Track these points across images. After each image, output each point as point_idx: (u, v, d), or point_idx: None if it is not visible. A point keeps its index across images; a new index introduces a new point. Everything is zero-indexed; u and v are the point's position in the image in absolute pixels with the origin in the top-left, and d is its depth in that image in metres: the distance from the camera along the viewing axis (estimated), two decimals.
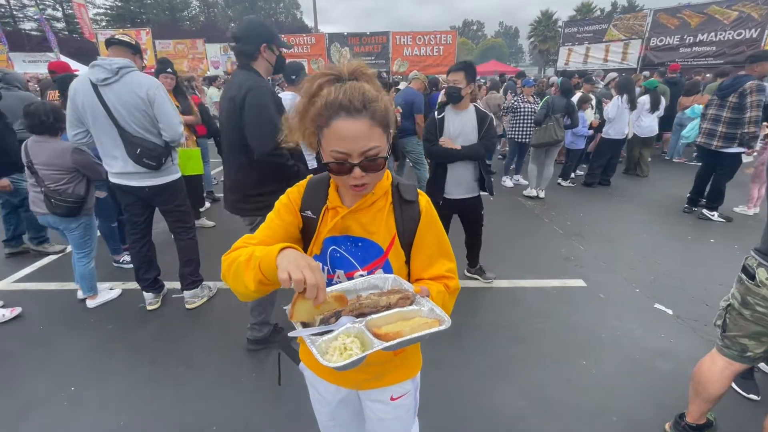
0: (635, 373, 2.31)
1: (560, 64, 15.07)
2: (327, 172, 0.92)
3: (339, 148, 0.81)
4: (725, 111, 4.25)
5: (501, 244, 4.02)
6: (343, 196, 0.98)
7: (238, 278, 0.83)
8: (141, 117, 2.47)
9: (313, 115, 0.83)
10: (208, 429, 1.96)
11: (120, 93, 2.41)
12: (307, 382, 1.20)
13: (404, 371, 1.11)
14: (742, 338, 1.63)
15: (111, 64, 2.38)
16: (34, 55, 15.78)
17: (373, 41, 14.56)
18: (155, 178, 2.65)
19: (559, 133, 5.15)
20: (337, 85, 0.82)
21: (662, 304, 2.97)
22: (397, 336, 0.74)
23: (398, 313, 0.82)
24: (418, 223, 0.98)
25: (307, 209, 0.99)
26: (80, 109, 2.44)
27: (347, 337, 0.77)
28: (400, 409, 1.13)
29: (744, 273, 1.59)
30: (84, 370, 2.39)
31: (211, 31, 31.03)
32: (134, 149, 2.48)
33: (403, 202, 0.98)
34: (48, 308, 3.03)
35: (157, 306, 2.98)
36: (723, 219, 4.60)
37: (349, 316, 0.82)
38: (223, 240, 4.27)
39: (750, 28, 10.13)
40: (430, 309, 0.83)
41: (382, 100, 0.83)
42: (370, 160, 0.83)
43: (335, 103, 0.80)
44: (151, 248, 2.93)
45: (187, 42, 15.93)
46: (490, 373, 2.32)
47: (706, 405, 1.77)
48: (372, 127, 0.81)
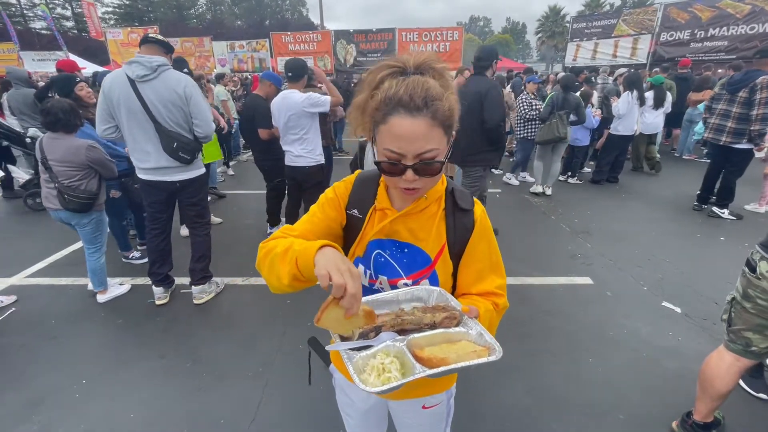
0: (643, 371, 2.30)
1: (568, 60, 14.89)
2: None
3: (393, 147, 0.75)
4: (735, 106, 4.18)
5: (508, 242, 4.00)
6: (393, 197, 0.93)
7: (273, 270, 0.80)
8: (177, 113, 2.56)
9: (371, 110, 0.78)
10: (216, 422, 1.99)
11: (158, 89, 2.48)
12: (335, 384, 1.17)
13: (440, 384, 1.05)
14: (746, 332, 1.63)
15: (150, 62, 2.45)
16: (43, 54, 15.95)
17: (380, 38, 14.50)
18: (186, 172, 2.74)
19: (561, 129, 5.12)
20: (399, 78, 0.75)
21: (670, 303, 2.94)
22: (441, 363, 0.68)
23: (443, 334, 0.76)
24: (471, 234, 0.92)
25: (354, 207, 0.93)
26: (114, 104, 2.50)
27: (386, 356, 0.71)
28: (432, 417, 1.09)
29: (747, 266, 1.61)
30: (95, 363, 2.43)
31: (217, 28, 31.14)
32: (171, 143, 2.56)
33: (457, 210, 0.92)
34: (60, 303, 3.08)
35: (165, 301, 3.02)
36: (733, 216, 4.53)
37: (389, 331, 0.77)
38: (229, 237, 4.31)
39: (763, 22, 9.92)
40: (478, 333, 0.76)
41: (448, 99, 0.75)
42: (425, 164, 0.76)
43: (394, 98, 0.73)
44: (168, 244, 2.99)
45: (194, 40, 15.98)
46: (497, 371, 2.32)
47: (714, 402, 1.75)
48: (432, 128, 0.74)
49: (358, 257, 0.94)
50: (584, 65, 12.62)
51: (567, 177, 6.32)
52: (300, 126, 3.33)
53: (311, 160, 3.47)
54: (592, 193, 5.76)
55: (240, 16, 49.46)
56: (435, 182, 0.84)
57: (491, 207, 5.22)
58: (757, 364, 2.15)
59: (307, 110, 3.25)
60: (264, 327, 2.75)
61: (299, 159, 3.45)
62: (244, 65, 15.68)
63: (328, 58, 14.62)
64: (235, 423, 1.99)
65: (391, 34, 14.33)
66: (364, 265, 0.93)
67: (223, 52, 15.75)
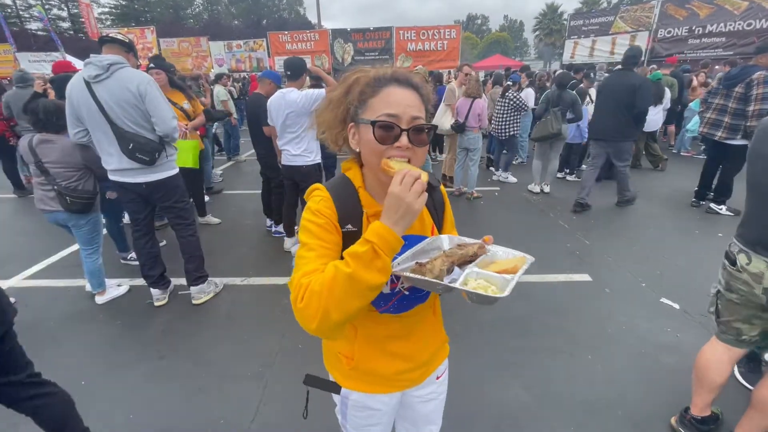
0: (641, 367, 2.30)
1: (566, 58, 14.89)
2: (342, 175, 0.94)
3: (390, 110, 0.80)
4: (731, 101, 4.18)
5: (507, 239, 3.99)
6: (374, 193, 0.91)
7: (342, 301, 0.71)
8: (133, 112, 2.49)
9: (355, 95, 0.84)
10: (217, 423, 1.99)
11: (112, 89, 2.43)
12: (350, 405, 1.07)
13: (443, 351, 1.15)
14: (734, 322, 1.66)
15: (102, 61, 2.40)
16: (39, 55, 15.88)
17: (377, 36, 14.47)
18: (151, 174, 2.66)
19: (555, 125, 5.14)
20: (385, 65, 0.87)
21: (669, 299, 2.95)
22: (515, 270, 0.82)
23: (485, 260, 0.88)
24: (444, 207, 1.05)
25: (347, 224, 0.87)
26: (76, 107, 2.48)
27: (475, 280, 0.82)
28: (442, 386, 1.18)
29: (726, 259, 1.65)
30: (94, 365, 2.43)
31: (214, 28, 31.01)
32: (127, 144, 2.51)
33: (430, 189, 0.92)
34: (58, 305, 3.08)
35: (164, 302, 3.02)
36: (731, 212, 4.54)
37: (456, 267, 0.87)
38: (227, 237, 4.31)
39: (761, 19, 9.93)
40: (504, 251, 0.92)
41: (426, 88, 0.88)
42: (417, 130, 0.81)
43: (386, 75, 0.83)
44: (154, 245, 2.95)
45: (191, 40, 15.93)
46: (496, 367, 2.33)
47: (710, 395, 1.77)
48: (420, 103, 0.84)
49: None
50: (582, 63, 12.62)
51: (565, 174, 6.33)
52: (299, 124, 3.32)
53: (308, 159, 3.46)
54: None
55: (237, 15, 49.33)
56: (421, 160, 0.86)
57: (490, 204, 5.23)
58: (755, 360, 2.16)
59: (305, 108, 3.25)
60: (264, 327, 2.75)
61: (296, 158, 3.44)
62: (241, 65, 15.64)
63: (325, 57, 14.59)
64: (236, 423, 1.99)
65: (389, 32, 14.31)
66: None
67: (220, 52, 15.71)
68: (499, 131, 5.79)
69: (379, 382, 1.03)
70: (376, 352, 1.00)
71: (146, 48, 15.06)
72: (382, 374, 1.02)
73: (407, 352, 1.03)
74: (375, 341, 0.99)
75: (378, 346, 1.00)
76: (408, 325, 1.01)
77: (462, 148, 5.33)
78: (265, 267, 3.58)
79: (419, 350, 1.04)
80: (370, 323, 0.97)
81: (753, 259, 1.52)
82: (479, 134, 5.22)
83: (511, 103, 5.58)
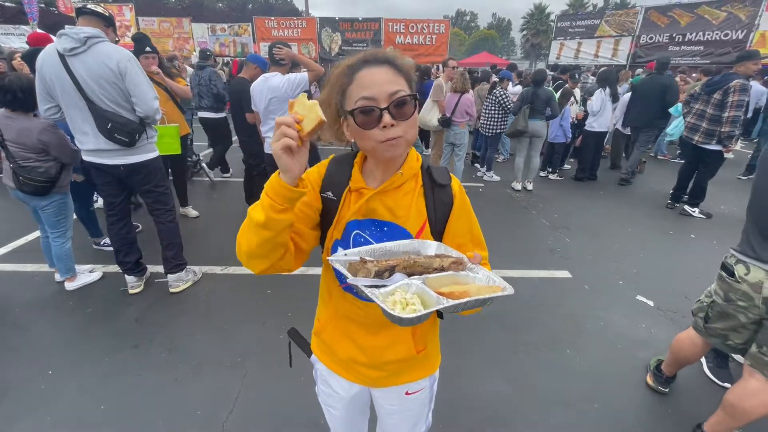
0: (617, 361, 2.37)
1: (552, 58, 15.10)
2: (357, 152, 0.91)
3: (365, 93, 0.78)
4: (709, 107, 4.32)
5: (489, 235, 4.03)
6: (367, 176, 0.92)
7: (245, 236, 0.78)
8: (112, 90, 2.35)
9: (336, 89, 0.83)
10: (193, 414, 1.93)
11: (88, 64, 2.28)
12: (316, 375, 1.15)
13: (423, 369, 1.06)
14: (723, 330, 1.70)
15: (78, 33, 2.24)
16: (6, 28, 14.97)
17: (365, 27, 14.28)
18: (130, 156, 2.54)
19: (521, 123, 5.26)
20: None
21: (644, 296, 3.04)
22: (463, 296, 0.70)
23: (452, 277, 0.78)
24: (451, 209, 0.93)
25: (328, 190, 0.91)
26: (48, 82, 2.32)
27: (405, 292, 0.72)
28: (415, 402, 1.09)
29: (724, 271, 1.67)
30: (62, 353, 2.32)
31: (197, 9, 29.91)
32: (105, 124, 2.36)
33: (435, 186, 0.92)
34: (24, 290, 2.93)
35: (139, 289, 2.91)
36: (703, 215, 4.72)
37: (401, 273, 0.77)
38: (207, 225, 4.20)
39: (737, 30, 10.30)
40: (485, 276, 0.79)
41: (405, 58, 0.84)
42: (398, 105, 0.78)
43: (358, 60, 0.82)
44: (130, 230, 2.84)
45: (173, 20, 15.30)
46: (477, 361, 2.35)
47: (678, 367, 2.08)
48: (397, 75, 0.81)
49: (336, 240, 0.91)
50: (567, 64, 12.82)
51: (548, 173, 6.43)
52: (282, 110, 3.24)
53: None
54: (572, 189, 5.89)
55: None
56: (413, 131, 0.83)
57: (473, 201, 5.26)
58: (722, 356, 2.25)
59: (287, 93, 3.16)
60: (243, 317, 2.69)
61: None
62: (225, 49, 15.16)
63: (312, 45, 14.31)
64: (213, 414, 1.93)
65: (378, 23, 14.14)
66: (342, 247, 0.89)
67: (203, 34, 15.16)
68: (487, 128, 5.82)
69: (336, 362, 1.05)
70: (338, 330, 1.01)
71: (124, 26, 14.38)
72: (338, 355, 1.03)
73: (366, 344, 0.99)
74: (340, 318, 1.00)
75: (340, 324, 1.01)
76: (374, 318, 0.94)
77: (448, 143, 5.33)
78: None
79: (380, 350, 0.98)
80: (339, 297, 0.98)
81: (751, 269, 1.55)
82: (466, 129, 5.23)
83: (497, 101, 5.61)
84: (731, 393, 1.66)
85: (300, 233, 0.89)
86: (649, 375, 2.19)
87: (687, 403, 2.08)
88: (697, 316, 1.86)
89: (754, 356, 1.59)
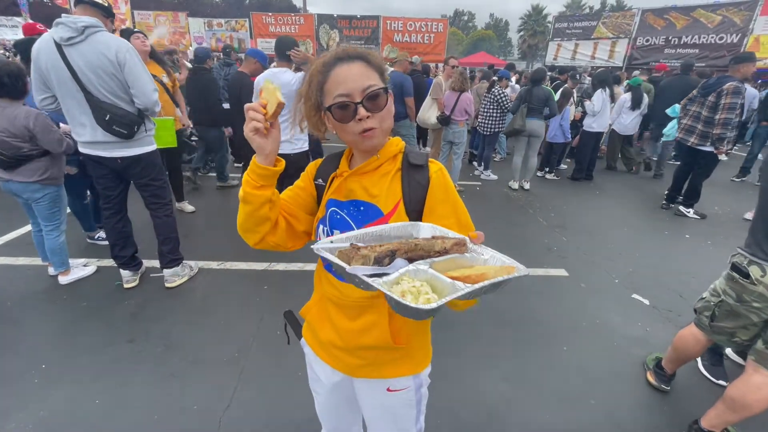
0: (613, 359, 2.38)
1: (549, 59, 15.17)
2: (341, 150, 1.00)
3: (340, 90, 0.84)
4: (704, 109, 4.35)
5: (487, 233, 4.04)
6: (352, 165, 0.99)
7: (240, 214, 0.90)
8: (110, 81, 2.31)
9: (314, 85, 0.88)
10: (189, 409, 1.92)
11: (86, 54, 2.23)
12: (306, 360, 1.17)
13: (405, 366, 1.02)
14: (731, 329, 1.72)
15: (76, 22, 2.20)
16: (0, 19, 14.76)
17: (364, 25, 14.26)
18: (128, 148, 2.50)
19: (519, 122, 5.27)
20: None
21: (639, 295, 3.07)
22: (480, 279, 0.63)
23: (456, 260, 0.72)
24: (426, 190, 0.92)
25: (319, 177, 1.02)
26: (44, 72, 2.27)
27: (413, 280, 0.66)
28: (398, 401, 1.06)
29: (736, 272, 1.66)
30: (56, 347, 2.29)
31: (194, 4, 29.72)
32: (103, 115, 2.32)
33: (411, 167, 0.94)
34: (16, 284, 2.88)
35: (134, 284, 2.88)
36: (698, 216, 4.77)
37: (403, 258, 0.70)
38: (204, 220, 4.16)
39: (731, 33, 10.41)
40: (491, 256, 0.73)
41: (375, 54, 0.90)
42: (371, 98, 0.84)
43: (332, 58, 0.87)
44: (126, 224, 2.80)
45: (169, 14, 15.19)
46: (474, 358, 2.35)
47: (679, 363, 2.09)
48: (369, 69, 0.86)
49: (319, 219, 0.99)
50: (564, 65, 12.88)
51: (545, 173, 6.46)
52: (289, 107, 3.21)
53: (296, 146, 3.34)
54: (568, 189, 5.92)
55: None
56: (389, 121, 0.90)
57: (471, 199, 5.27)
58: (717, 354, 2.28)
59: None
60: (240, 312, 2.67)
61: (284, 145, 3.31)
62: (222, 45, 15.05)
63: (310, 42, 14.26)
64: (209, 410, 1.92)
65: (376, 21, 14.13)
66: (322, 224, 0.98)
67: (200, 29, 15.06)
68: (485, 127, 5.83)
69: (318, 345, 1.08)
70: (322, 312, 1.05)
71: (119, 20, 14.20)
72: (319, 336, 1.06)
73: (342, 327, 0.99)
74: (325, 299, 1.04)
75: (324, 305, 1.04)
76: (351, 300, 0.95)
77: (446, 141, 5.34)
78: (244, 252, 3.47)
79: (355, 333, 0.97)
80: (325, 278, 1.02)
81: (767, 270, 1.56)
82: (464, 128, 5.24)
83: (495, 99, 5.62)
84: (733, 387, 1.67)
85: (294, 215, 1.00)
86: (650, 373, 2.19)
87: (682, 399, 2.10)
88: (701, 315, 1.86)
89: (760, 352, 1.60)
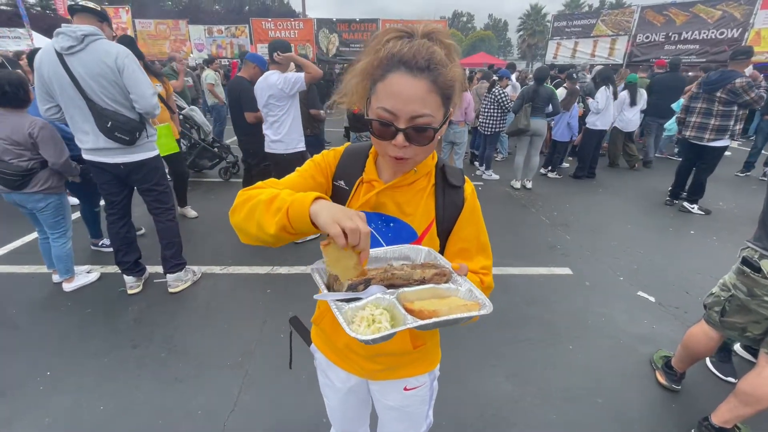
0: (619, 357, 2.36)
1: (548, 58, 15.13)
2: (369, 140, 0.86)
3: (387, 106, 0.71)
4: (715, 105, 4.29)
5: (490, 233, 4.03)
6: (381, 169, 0.90)
7: (253, 217, 0.73)
8: (111, 88, 2.33)
9: (372, 69, 0.74)
10: (194, 413, 1.91)
11: (87, 62, 2.26)
12: (316, 365, 1.15)
13: (422, 365, 1.03)
14: (743, 324, 1.70)
15: (75, 32, 2.22)
16: (2, 31, 14.92)
17: (363, 28, 14.29)
18: (130, 154, 2.52)
19: (523, 121, 5.23)
20: (405, 40, 0.73)
21: (645, 292, 3.04)
22: (432, 315, 0.66)
23: (432, 290, 0.74)
24: (460, 212, 0.90)
25: (341, 179, 0.91)
26: (47, 81, 2.30)
27: (376, 308, 0.69)
28: (414, 399, 1.07)
29: (746, 266, 1.64)
30: (60, 354, 2.29)
31: (194, 12, 29.89)
32: (105, 123, 2.35)
33: (447, 187, 0.90)
34: (21, 291, 2.90)
35: (138, 290, 2.89)
36: (702, 212, 4.73)
37: (379, 285, 0.74)
38: (206, 224, 4.17)
39: (732, 28, 10.35)
40: (468, 290, 0.74)
41: (452, 70, 0.72)
42: (417, 130, 0.73)
43: (397, 55, 0.71)
44: (130, 229, 2.82)
45: (169, 22, 15.30)
46: (479, 357, 2.33)
47: (690, 362, 2.04)
48: (430, 92, 0.71)
49: None
50: (564, 63, 12.85)
51: (547, 171, 6.44)
52: (278, 107, 3.22)
53: (288, 146, 3.35)
54: (571, 187, 5.89)
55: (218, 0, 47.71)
56: (426, 154, 0.80)
57: None
58: (725, 350, 2.25)
59: (284, 91, 3.15)
60: (243, 316, 2.67)
61: (276, 145, 3.33)
62: (222, 51, 15.16)
63: (309, 46, 14.31)
64: (214, 414, 1.92)
65: (375, 24, 14.16)
66: None
67: (200, 36, 15.16)
68: (486, 127, 5.82)
69: (332, 351, 1.04)
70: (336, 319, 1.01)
71: (120, 28, 14.36)
72: (335, 343, 1.01)
73: None
74: None
75: None
76: None
77: (447, 142, 5.33)
78: (246, 256, 3.48)
79: (388, 345, 0.96)
80: None
81: None
82: (465, 128, 5.24)
83: (496, 99, 5.61)
84: (745, 382, 1.66)
85: None
86: (659, 373, 2.16)
87: (690, 397, 2.07)
88: (711, 310, 1.84)
89: None
